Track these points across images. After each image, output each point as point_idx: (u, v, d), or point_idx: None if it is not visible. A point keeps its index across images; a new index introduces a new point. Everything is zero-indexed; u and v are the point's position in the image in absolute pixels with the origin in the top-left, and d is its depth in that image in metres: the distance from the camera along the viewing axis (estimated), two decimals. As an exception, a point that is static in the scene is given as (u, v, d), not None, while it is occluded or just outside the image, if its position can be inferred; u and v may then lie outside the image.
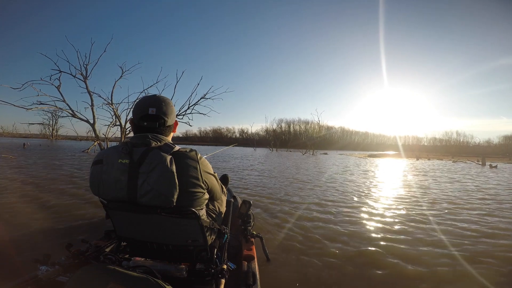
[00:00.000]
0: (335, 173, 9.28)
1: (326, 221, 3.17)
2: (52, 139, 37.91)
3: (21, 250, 1.98)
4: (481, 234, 2.83)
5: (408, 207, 4.05)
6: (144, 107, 0.99)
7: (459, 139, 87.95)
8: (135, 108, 1.03)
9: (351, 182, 6.90)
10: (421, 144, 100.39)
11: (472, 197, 5.10)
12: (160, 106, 1.00)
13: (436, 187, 6.48)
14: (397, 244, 2.46)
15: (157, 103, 1.00)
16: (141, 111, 1.00)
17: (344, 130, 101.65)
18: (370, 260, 2.15)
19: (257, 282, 1.25)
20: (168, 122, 1.04)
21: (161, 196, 0.90)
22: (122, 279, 0.76)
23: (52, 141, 32.58)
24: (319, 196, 4.76)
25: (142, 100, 1.03)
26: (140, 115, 1.00)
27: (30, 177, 5.48)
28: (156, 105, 1.00)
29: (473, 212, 3.83)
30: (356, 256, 2.21)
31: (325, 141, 76.70)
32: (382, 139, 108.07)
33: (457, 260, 2.15)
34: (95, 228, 2.58)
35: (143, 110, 0.99)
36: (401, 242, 2.53)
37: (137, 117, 1.00)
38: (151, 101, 1.01)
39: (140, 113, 1.00)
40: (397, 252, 2.28)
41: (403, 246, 2.41)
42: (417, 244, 2.49)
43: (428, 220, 3.31)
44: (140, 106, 1.01)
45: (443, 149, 74.80)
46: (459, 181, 7.79)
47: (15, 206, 3.21)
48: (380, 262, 2.10)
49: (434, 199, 4.76)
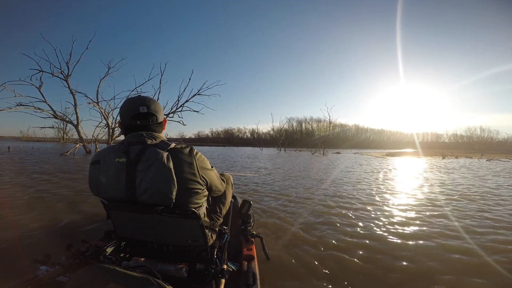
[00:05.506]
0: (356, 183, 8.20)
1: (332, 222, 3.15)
2: (63, 143, 38.85)
3: (21, 250, 2.04)
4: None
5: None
6: (135, 106, 1.04)
7: (483, 135, 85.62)
8: (123, 109, 1.06)
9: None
10: (441, 141, 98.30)
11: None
12: (149, 104, 1.05)
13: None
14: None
15: (146, 102, 1.05)
16: (132, 110, 1.03)
17: (358, 128, 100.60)
18: (372, 261, 2.14)
19: (257, 282, 1.27)
20: (159, 119, 1.09)
21: (159, 193, 0.93)
22: (122, 279, 0.78)
23: (63, 144, 33.33)
24: (326, 194, 4.73)
25: (129, 101, 1.07)
26: (131, 115, 1.03)
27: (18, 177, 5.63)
28: (146, 103, 1.05)
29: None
30: (358, 257, 2.21)
31: (338, 139, 76.03)
32: (398, 137, 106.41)
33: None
34: (95, 228, 2.65)
35: (133, 109, 1.03)
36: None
37: (128, 118, 1.04)
38: (139, 100, 1.05)
39: (131, 113, 1.03)
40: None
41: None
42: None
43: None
44: (129, 106, 1.05)
45: (466, 146, 72.90)
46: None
47: (15, 206, 3.32)
48: (388, 266, 2.09)
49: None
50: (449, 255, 2.26)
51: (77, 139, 16.35)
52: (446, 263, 2.12)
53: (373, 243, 2.51)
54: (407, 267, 2.05)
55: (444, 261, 2.16)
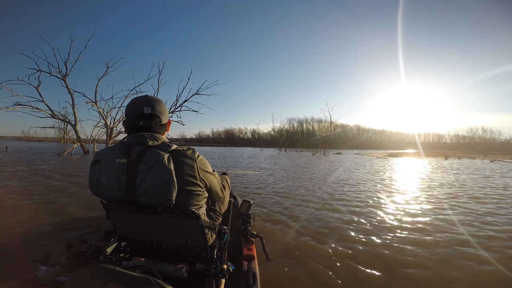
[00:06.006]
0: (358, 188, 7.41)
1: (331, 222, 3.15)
2: (63, 142, 38.79)
3: (21, 250, 2.05)
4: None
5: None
6: (139, 106, 1.04)
7: (485, 135, 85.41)
8: (128, 109, 1.06)
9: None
10: (442, 141, 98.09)
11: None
12: (154, 105, 1.05)
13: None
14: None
15: (151, 102, 1.05)
16: (136, 110, 1.04)
17: (359, 128, 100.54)
18: (372, 262, 2.14)
19: (257, 282, 1.28)
20: (163, 120, 1.09)
21: (160, 195, 0.93)
22: (122, 279, 0.79)
23: (64, 144, 33.24)
24: (327, 192, 4.73)
25: (135, 101, 1.07)
26: (135, 114, 1.03)
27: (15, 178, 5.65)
28: (150, 104, 1.04)
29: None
30: (358, 257, 2.21)
31: (339, 139, 75.96)
32: (400, 137, 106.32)
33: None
34: (95, 228, 2.67)
35: (137, 109, 1.03)
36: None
37: (132, 117, 1.04)
38: (144, 100, 1.05)
39: (135, 113, 1.04)
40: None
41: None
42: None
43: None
44: (134, 106, 1.05)
45: (468, 147, 72.70)
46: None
47: (14, 206, 3.33)
48: (390, 267, 2.09)
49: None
50: (469, 263, 2.15)
51: (76, 139, 16.41)
52: (466, 271, 2.02)
53: (374, 244, 2.51)
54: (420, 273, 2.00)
55: (464, 269, 2.05)
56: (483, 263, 2.16)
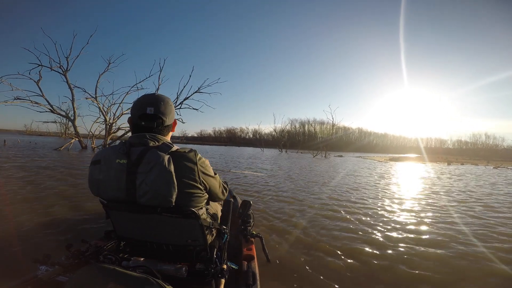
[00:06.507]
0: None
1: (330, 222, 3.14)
2: (64, 137, 38.61)
3: (21, 250, 2.06)
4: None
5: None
6: (142, 106, 1.02)
7: (488, 141, 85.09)
8: (134, 106, 1.06)
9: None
10: (444, 146, 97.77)
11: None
12: (158, 106, 1.03)
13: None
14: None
15: (156, 102, 1.03)
16: (139, 110, 1.02)
17: (361, 131, 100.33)
18: (372, 263, 2.15)
19: (257, 282, 1.28)
20: (167, 122, 1.07)
21: (159, 196, 0.93)
22: (122, 279, 0.79)
23: (65, 139, 33.09)
24: (329, 198, 4.72)
25: (140, 99, 1.06)
26: (138, 114, 1.02)
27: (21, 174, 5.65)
28: (155, 104, 1.02)
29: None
30: (358, 257, 2.23)
31: (341, 142, 75.79)
32: (402, 141, 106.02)
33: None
34: (95, 228, 2.67)
35: (141, 109, 1.02)
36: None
37: (135, 116, 1.03)
38: (149, 100, 1.04)
39: (138, 112, 1.02)
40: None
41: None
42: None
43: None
44: (138, 105, 1.04)
45: (471, 152, 72.36)
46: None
47: (14, 206, 3.34)
48: (391, 269, 2.09)
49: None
50: (478, 270, 2.13)
51: (74, 134, 16.48)
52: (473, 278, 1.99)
53: (375, 247, 2.51)
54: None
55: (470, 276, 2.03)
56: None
